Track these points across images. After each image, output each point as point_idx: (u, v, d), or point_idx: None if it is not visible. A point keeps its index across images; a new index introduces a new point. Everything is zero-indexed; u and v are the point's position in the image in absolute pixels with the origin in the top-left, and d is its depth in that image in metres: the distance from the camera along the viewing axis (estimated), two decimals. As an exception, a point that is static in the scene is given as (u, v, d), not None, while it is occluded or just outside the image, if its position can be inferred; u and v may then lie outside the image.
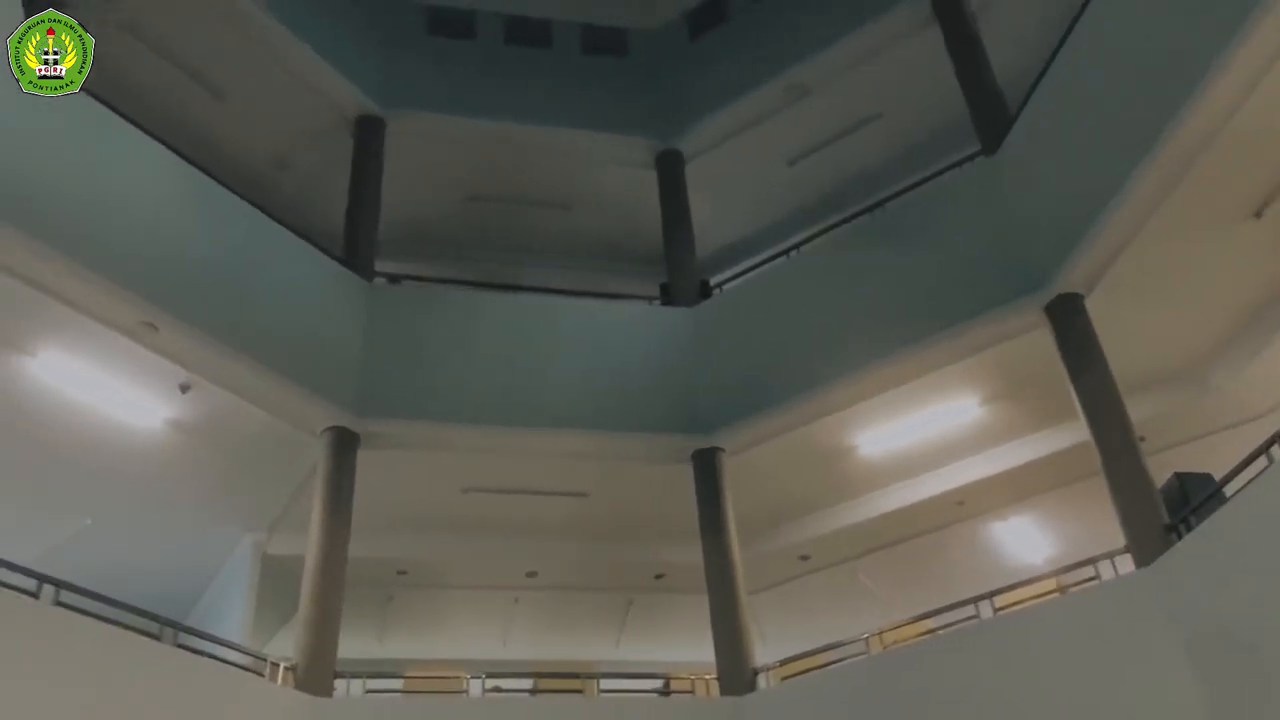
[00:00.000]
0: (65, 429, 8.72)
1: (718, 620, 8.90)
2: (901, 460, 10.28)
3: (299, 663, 7.89)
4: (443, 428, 9.45)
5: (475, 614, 12.25)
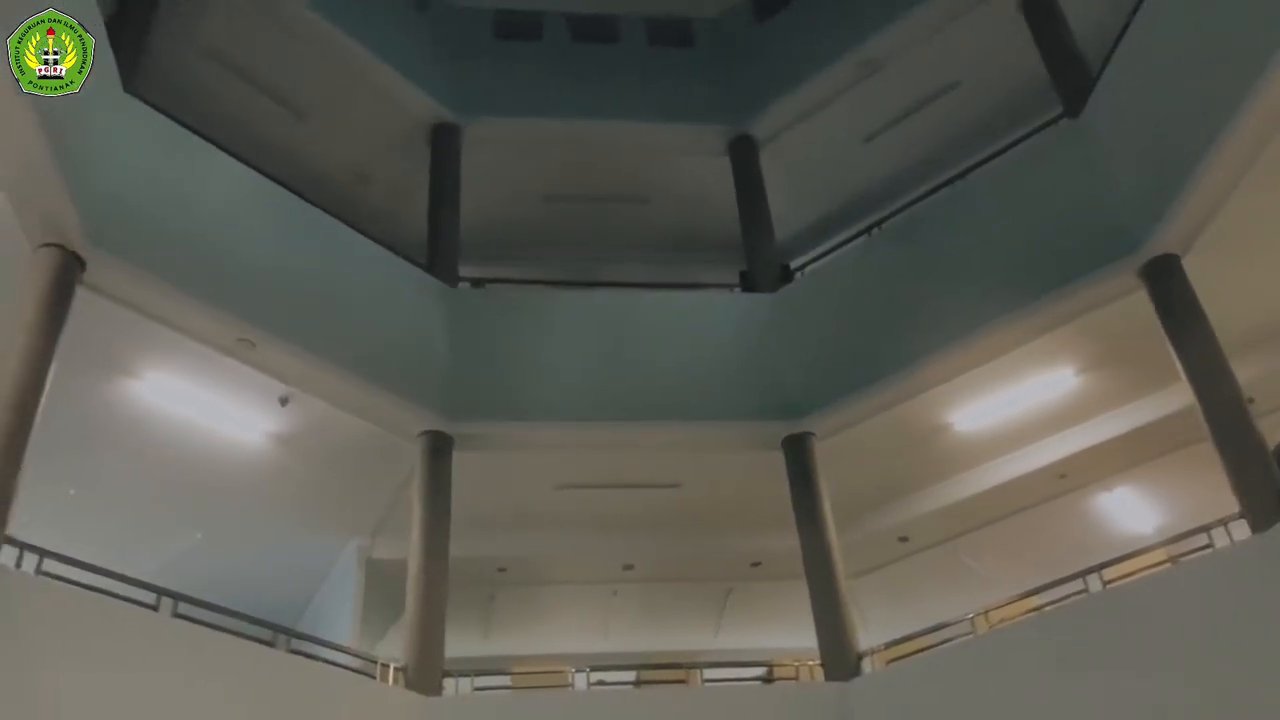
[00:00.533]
0: (174, 447, 9.06)
1: (818, 606, 8.84)
2: (998, 435, 10.08)
3: (408, 663, 8.07)
4: (532, 427, 9.57)
5: (575, 608, 12.39)
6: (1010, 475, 10.41)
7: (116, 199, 7.30)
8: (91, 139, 7.03)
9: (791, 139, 11.66)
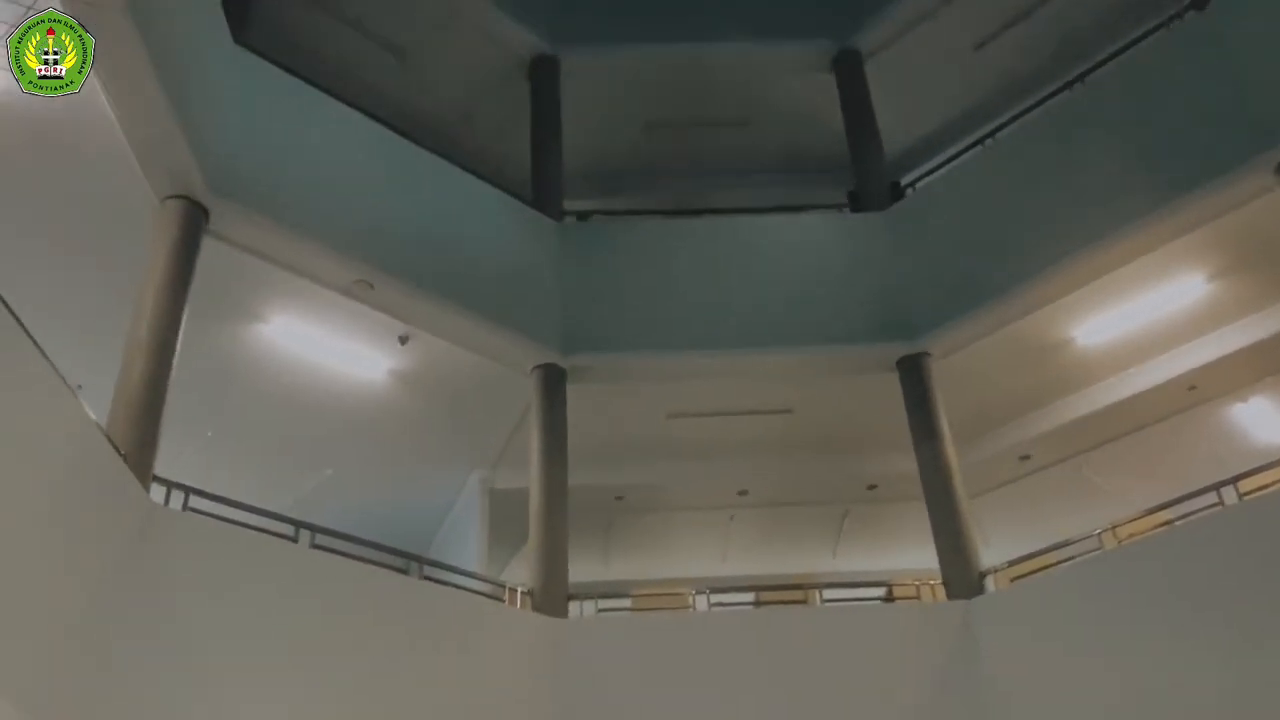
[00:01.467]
0: (302, 388, 9.44)
1: (938, 526, 8.76)
2: (1124, 348, 9.74)
3: (534, 587, 8.33)
4: (643, 357, 9.63)
5: (692, 534, 12.56)
6: (1136, 389, 10.07)
7: (234, 150, 7.53)
8: (208, 92, 7.25)
9: (898, 51, 11.27)
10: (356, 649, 6.92)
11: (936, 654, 8.14)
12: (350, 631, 6.96)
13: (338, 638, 6.86)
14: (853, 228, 10.42)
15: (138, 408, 6.43)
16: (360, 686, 6.79)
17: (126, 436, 6.21)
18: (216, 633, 6.19)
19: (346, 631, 6.93)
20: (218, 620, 6.24)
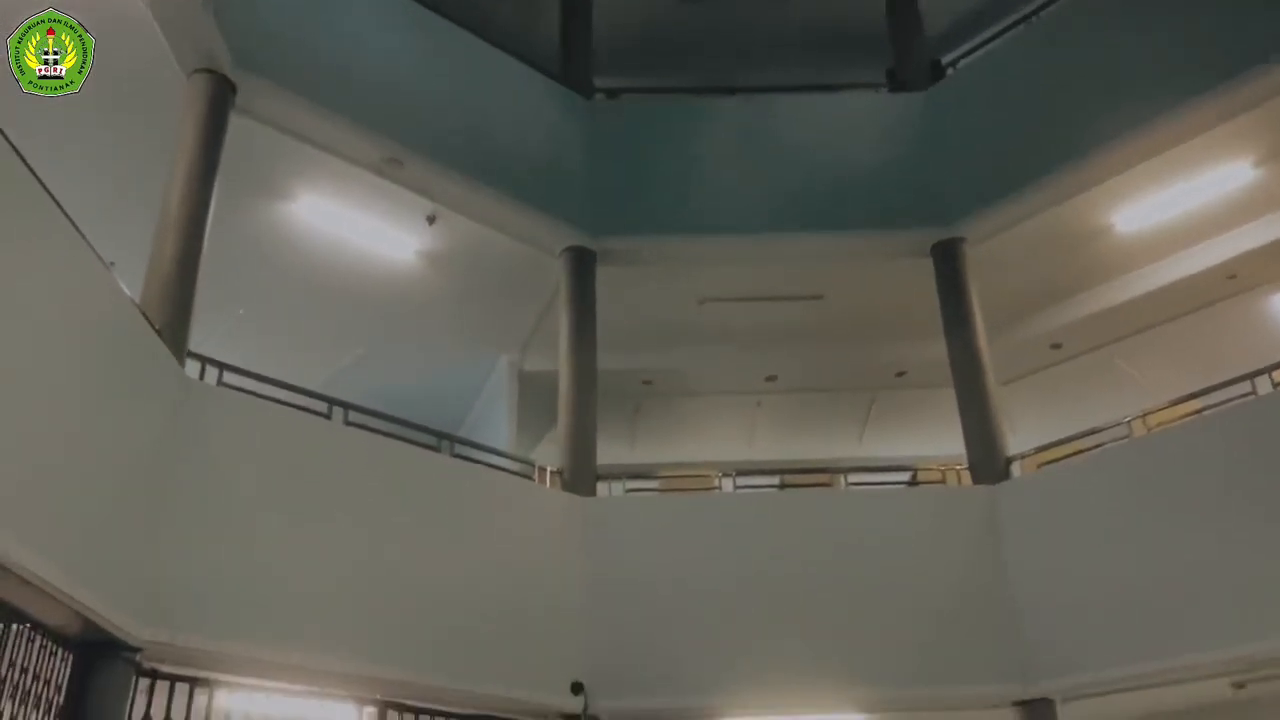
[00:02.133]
0: (332, 267, 9.44)
1: (966, 411, 8.77)
2: (1163, 235, 9.54)
3: (564, 467, 8.45)
4: (673, 240, 9.55)
5: (719, 419, 12.65)
6: (1174, 277, 9.90)
7: (262, 23, 7.39)
8: (232, -38, 7.08)
9: (938, -84, 10.80)
10: (390, 523, 7.09)
11: (960, 538, 8.23)
12: (384, 506, 7.11)
13: (372, 511, 7.02)
14: (891, 108, 10.17)
15: (170, 284, 6.46)
16: (394, 559, 6.98)
17: (160, 313, 6.26)
18: (255, 504, 6.35)
19: (380, 506, 7.09)
20: (255, 493, 6.39)
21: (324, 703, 6.74)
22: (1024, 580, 7.86)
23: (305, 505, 6.64)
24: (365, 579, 6.79)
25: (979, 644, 7.82)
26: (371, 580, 6.82)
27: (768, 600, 7.98)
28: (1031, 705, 7.75)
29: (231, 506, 6.21)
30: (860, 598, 7.95)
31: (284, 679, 6.41)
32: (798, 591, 7.99)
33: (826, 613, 7.92)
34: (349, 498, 6.92)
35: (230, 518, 6.17)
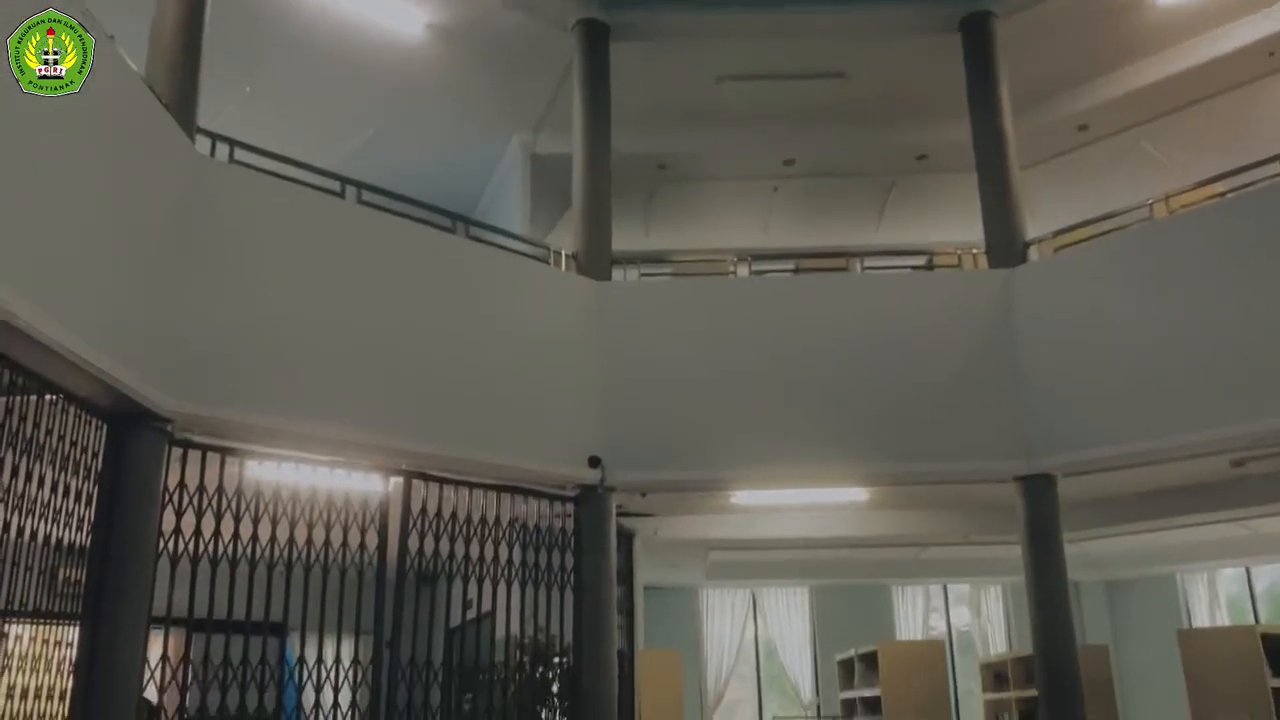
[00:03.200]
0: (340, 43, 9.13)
1: (986, 194, 8.64)
2: (1202, 10, 9.10)
3: (578, 251, 8.45)
4: (690, 12, 9.14)
5: (735, 205, 12.51)
6: (1210, 55, 9.52)
7: None
8: None
9: None
10: (410, 302, 7.17)
11: (973, 321, 8.28)
12: (403, 285, 7.17)
13: (391, 290, 7.08)
14: None
15: (175, 57, 6.27)
16: (415, 337, 7.11)
17: (166, 87, 6.10)
18: (276, 281, 6.42)
19: (399, 285, 7.15)
20: (276, 270, 6.45)
21: (352, 474, 7.03)
22: (1034, 362, 7.96)
23: (325, 282, 6.71)
24: (388, 355, 6.94)
25: (985, 422, 8.01)
26: (394, 356, 6.97)
27: (780, 380, 8.14)
28: (1032, 480, 8.02)
29: (253, 283, 6.28)
30: (871, 378, 8.08)
31: (312, 451, 6.65)
32: (810, 372, 8.13)
33: (837, 392, 8.08)
34: (367, 276, 6.97)
35: (253, 294, 6.26)
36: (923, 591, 14.09)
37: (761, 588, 13.97)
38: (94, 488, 5.39)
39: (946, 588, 14.23)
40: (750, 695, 14.16)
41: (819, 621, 13.85)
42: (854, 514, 10.67)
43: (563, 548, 8.14)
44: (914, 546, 12.31)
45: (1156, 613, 12.53)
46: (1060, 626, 7.86)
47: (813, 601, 14.00)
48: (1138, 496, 9.78)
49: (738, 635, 13.91)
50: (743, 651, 13.97)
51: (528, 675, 7.91)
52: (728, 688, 13.83)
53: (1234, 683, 7.78)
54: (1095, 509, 9.67)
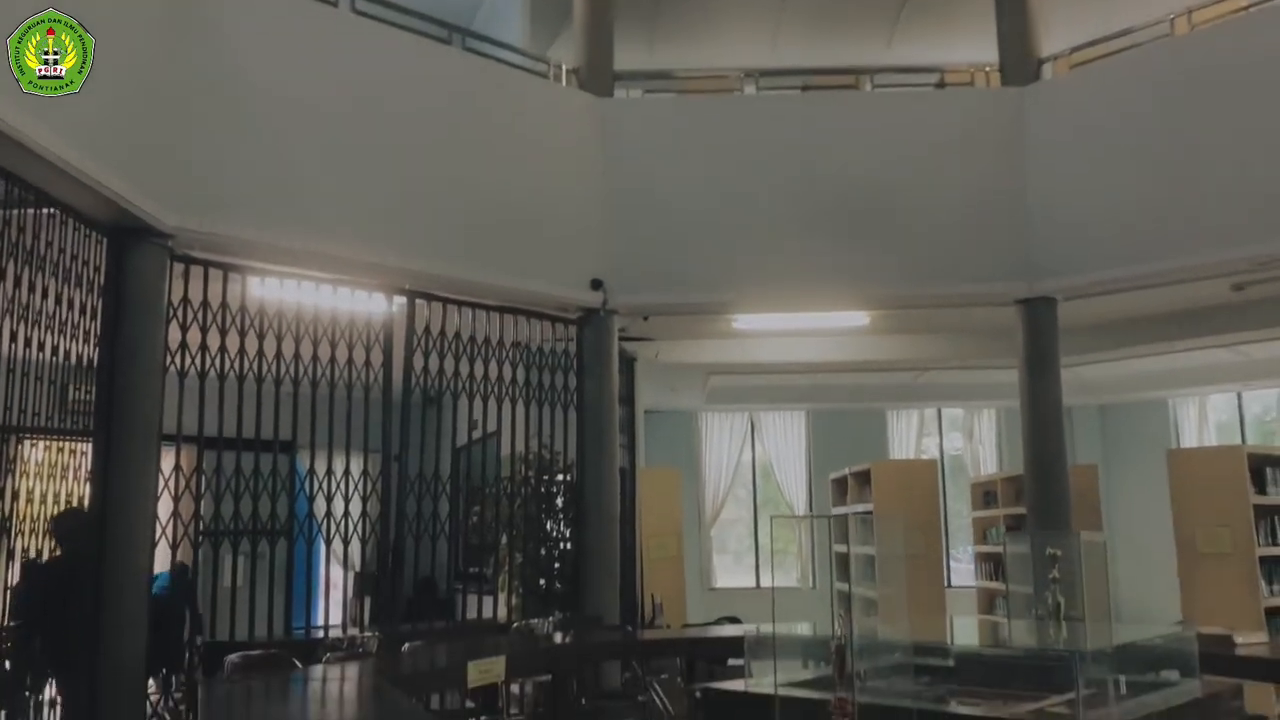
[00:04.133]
0: None
1: (1001, 9, 8.33)
2: None
3: (580, 66, 8.21)
4: None
5: (742, 20, 12.03)
6: None
7: None
8: None
9: None
10: (405, 117, 7.02)
11: (983, 141, 8.12)
12: (398, 99, 6.99)
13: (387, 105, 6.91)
14: None
15: None
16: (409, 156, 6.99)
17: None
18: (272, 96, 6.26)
19: (394, 99, 6.97)
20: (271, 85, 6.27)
21: (355, 293, 7.04)
22: (1042, 183, 7.85)
23: (323, 97, 6.55)
24: (388, 172, 6.86)
25: (989, 245, 7.98)
26: (394, 174, 6.89)
27: (784, 202, 8.05)
28: (1033, 303, 8.05)
29: (251, 97, 6.15)
30: (877, 199, 7.98)
31: (314, 268, 6.65)
32: (815, 193, 8.03)
33: (842, 213, 7.99)
34: (365, 90, 6.79)
35: (251, 109, 6.14)
36: (917, 416, 14.36)
37: (760, 412, 14.24)
38: (98, 301, 5.41)
39: (940, 412, 14.50)
40: (747, 516, 14.65)
41: (815, 444, 14.17)
42: (853, 339, 10.74)
43: (565, 369, 8.25)
44: (911, 371, 12.46)
45: (1147, 436, 12.79)
46: (1052, 446, 8.05)
47: (809, 425, 14.29)
48: (1136, 321, 9.82)
49: (735, 457, 14.27)
50: (740, 473, 14.36)
51: (533, 489, 8.15)
52: (724, 507, 14.28)
53: (1217, 500, 8.02)
54: (1092, 334, 9.73)
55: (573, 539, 8.24)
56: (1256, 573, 7.83)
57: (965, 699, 4.16)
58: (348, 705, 3.88)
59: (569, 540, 8.32)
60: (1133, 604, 11.00)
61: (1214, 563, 7.97)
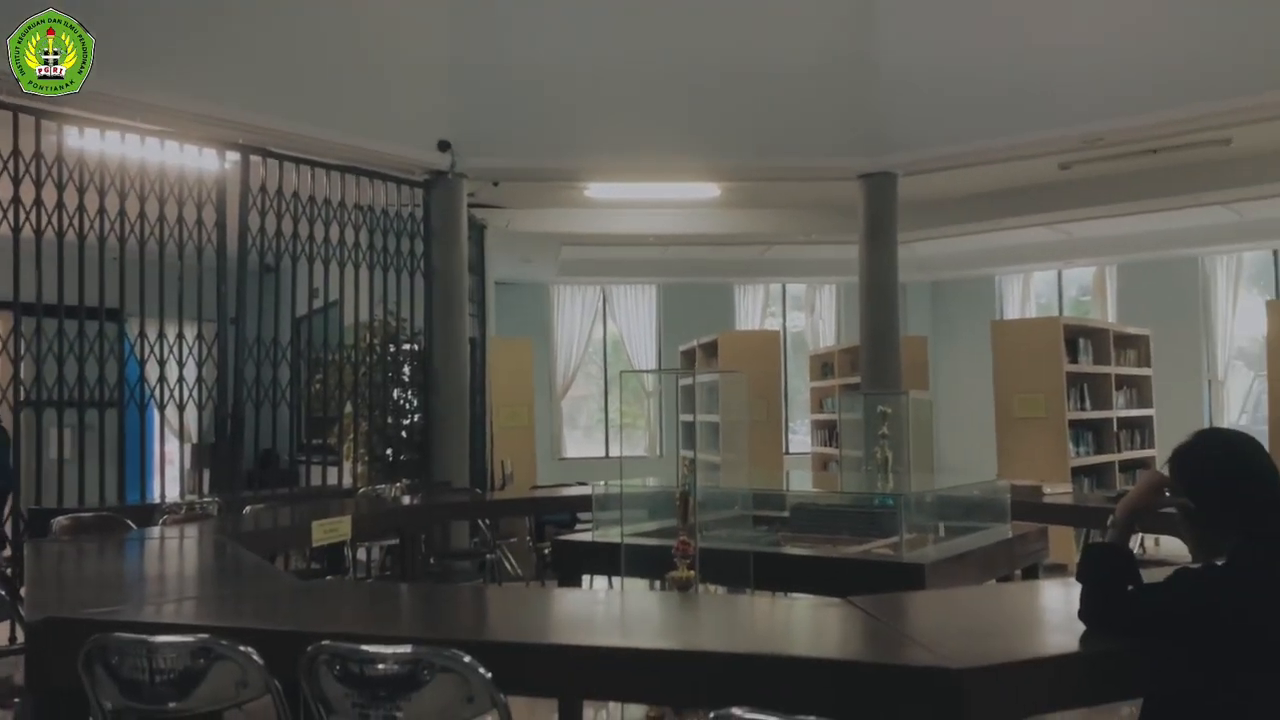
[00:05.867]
0: None
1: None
2: None
3: (425, -88, 7.79)
4: None
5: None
6: None
7: None
8: None
9: None
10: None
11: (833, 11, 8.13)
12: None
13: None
14: None
15: None
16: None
17: None
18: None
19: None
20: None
21: (184, 148, 6.63)
22: (888, 56, 7.95)
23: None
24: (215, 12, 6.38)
25: (835, 119, 8.10)
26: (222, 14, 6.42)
27: (638, 70, 7.93)
28: (874, 178, 8.28)
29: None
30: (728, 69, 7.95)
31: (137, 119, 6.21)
32: (668, 62, 7.93)
33: (695, 84, 7.96)
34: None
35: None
36: (763, 290, 14.70)
37: (611, 286, 14.30)
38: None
39: (785, 288, 14.88)
40: (598, 392, 14.83)
41: (665, 318, 14.38)
42: (704, 212, 10.83)
43: (412, 234, 8.06)
44: (759, 245, 12.69)
45: (974, 310, 13.49)
46: (887, 318, 8.41)
47: (660, 299, 14.45)
48: (968, 199, 10.21)
49: (587, 331, 14.34)
50: (592, 347, 14.47)
51: (379, 357, 8.02)
52: (576, 380, 14.41)
53: (1034, 368, 8.56)
54: (927, 211, 10.08)
55: (421, 408, 8.19)
56: (1066, 434, 8.47)
57: (798, 544, 4.40)
58: (188, 560, 3.81)
59: (417, 409, 8.26)
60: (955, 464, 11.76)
61: (1029, 426, 8.55)
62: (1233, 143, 7.92)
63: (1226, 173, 8.78)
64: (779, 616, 2.91)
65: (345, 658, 2.03)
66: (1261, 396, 8.42)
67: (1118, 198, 9.52)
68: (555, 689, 2.64)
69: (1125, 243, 11.83)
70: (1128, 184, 9.26)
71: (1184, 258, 12.08)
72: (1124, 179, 9.18)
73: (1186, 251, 11.94)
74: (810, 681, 2.01)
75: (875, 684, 1.98)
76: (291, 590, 3.21)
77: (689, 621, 2.72)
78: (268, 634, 2.32)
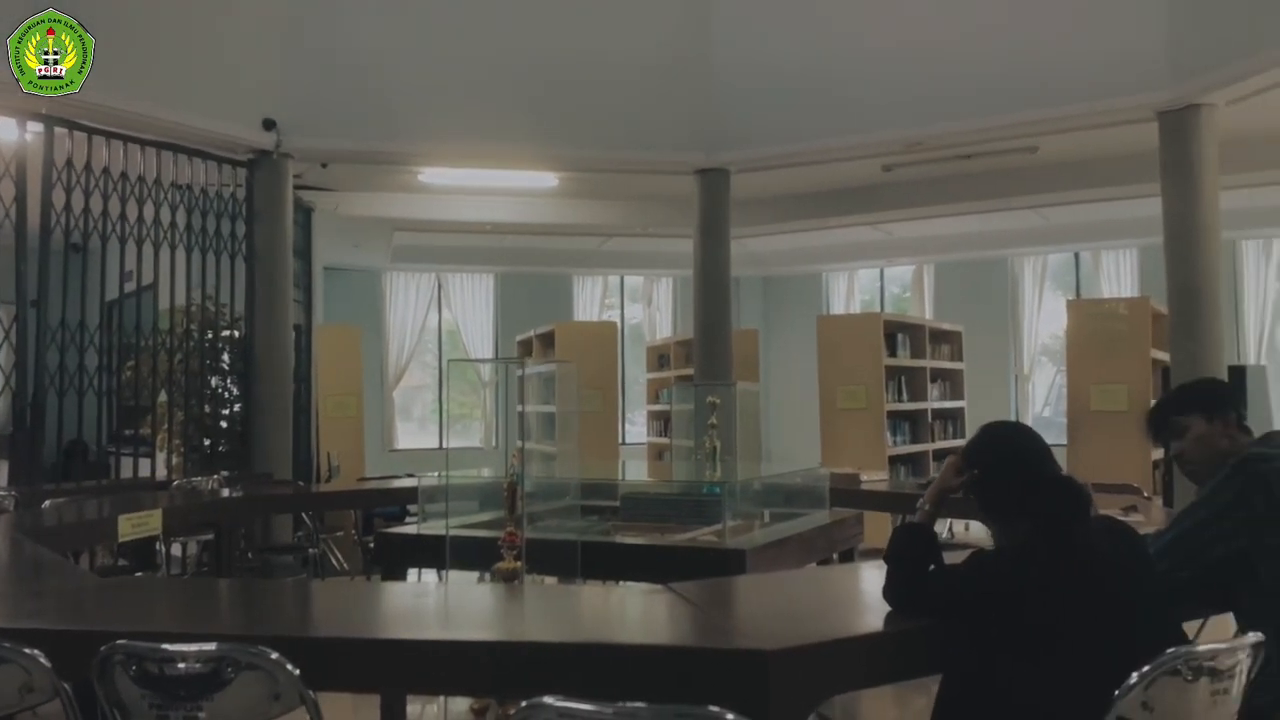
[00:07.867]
0: None
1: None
2: None
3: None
4: None
5: None
6: None
7: None
8: None
9: None
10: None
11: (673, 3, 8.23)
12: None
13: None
14: None
15: None
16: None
17: None
18: None
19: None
20: None
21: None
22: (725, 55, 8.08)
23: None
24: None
25: (673, 114, 8.20)
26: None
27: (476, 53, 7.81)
28: (709, 174, 8.44)
29: None
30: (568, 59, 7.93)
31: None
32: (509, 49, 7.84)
33: (535, 72, 7.91)
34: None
35: None
36: (601, 282, 14.77)
37: (447, 273, 14.07)
38: None
39: (623, 279, 15.00)
40: (433, 382, 14.58)
41: (502, 308, 14.26)
42: (542, 201, 10.79)
43: (234, 215, 7.73)
44: (597, 237, 12.73)
45: (803, 304, 13.94)
46: (720, 310, 8.59)
47: (497, 288, 14.32)
48: (797, 198, 10.54)
49: (421, 319, 14.07)
50: (426, 336, 14.21)
51: (196, 343, 7.65)
52: (409, 370, 14.12)
53: (857, 360, 8.93)
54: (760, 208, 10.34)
55: (242, 396, 7.85)
56: (884, 425, 8.86)
57: (628, 533, 4.44)
58: (-28, 559, 3.54)
59: (238, 398, 7.92)
60: (782, 453, 12.13)
61: (851, 417, 8.92)
62: (1039, 151, 8.46)
63: (1033, 179, 9.35)
64: (599, 605, 2.94)
65: (142, 657, 1.93)
66: (1063, 390, 9.02)
67: (935, 200, 10.02)
68: (373, 683, 2.58)
69: (941, 243, 12.48)
70: (944, 187, 9.76)
71: (994, 258, 12.83)
72: (941, 182, 9.67)
73: (997, 252, 12.69)
74: (627, 667, 2.04)
75: (690, 667, 2.02)
76: (90, 588, 3.03)
77: (511, 611, 2.71)
78: (59, 634, 2.19)
